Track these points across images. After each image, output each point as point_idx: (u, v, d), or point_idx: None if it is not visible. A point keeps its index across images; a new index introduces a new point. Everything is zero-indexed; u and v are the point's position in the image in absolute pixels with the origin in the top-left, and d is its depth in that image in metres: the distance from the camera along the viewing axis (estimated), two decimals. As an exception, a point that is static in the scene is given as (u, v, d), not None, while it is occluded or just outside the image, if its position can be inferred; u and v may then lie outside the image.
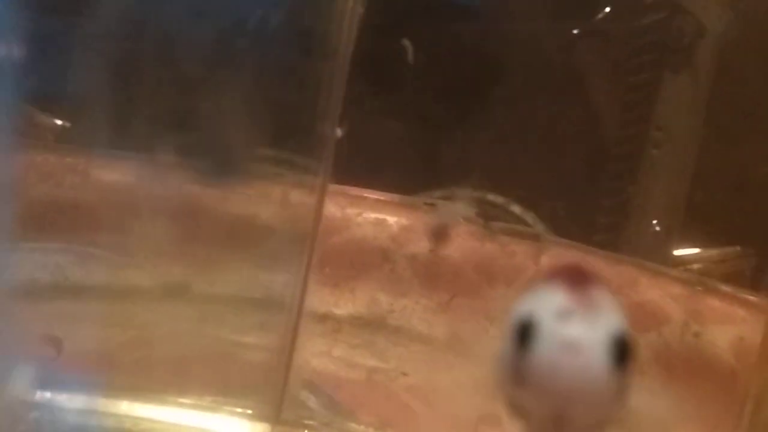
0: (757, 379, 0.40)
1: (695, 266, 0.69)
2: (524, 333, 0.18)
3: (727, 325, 0.49)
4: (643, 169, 0.72)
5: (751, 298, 0.46)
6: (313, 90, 0.41)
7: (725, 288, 0.51)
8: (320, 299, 0.56)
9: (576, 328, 0.18)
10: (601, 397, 0.18)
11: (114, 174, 0.53)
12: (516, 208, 0.71)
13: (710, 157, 0.70)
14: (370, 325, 0.56)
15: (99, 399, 0.37)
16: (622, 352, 0.18)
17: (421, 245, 0.57)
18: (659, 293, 0.52)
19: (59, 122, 0.50)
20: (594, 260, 0.54)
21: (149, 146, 0.48)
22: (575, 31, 0.74)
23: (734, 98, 0.70)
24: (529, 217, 0.71)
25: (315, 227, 0.42)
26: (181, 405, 0.43)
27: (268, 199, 0.50)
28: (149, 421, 0.42)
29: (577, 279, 0.19)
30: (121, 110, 0.47)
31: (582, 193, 0.74)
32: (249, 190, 0.51)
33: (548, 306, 0.18)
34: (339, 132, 0.39)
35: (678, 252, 0.71)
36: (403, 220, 0.59)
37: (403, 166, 0.73)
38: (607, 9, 0.73)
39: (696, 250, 0.70)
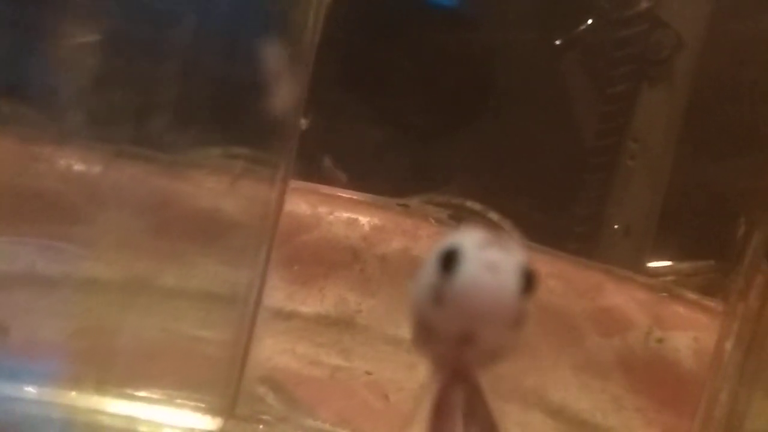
0: (710, 383, 0.40)
1: (668, 278, 0.70)
2: (449, 259, 0.20)
3: (690, 331, 0.49)
4: (619, 179, 0.72)
5: (714, 304, 0.46)
6: (277, 81, 0.41)
7: (690, 295, 0.52)
8: (288, 297, 0.56)
9: (496, 254, 0.20)
10: (508, 319, 0.20)
11: (79, 163, 0.53)
12: (493, 216, 0.71)
13: (686, 170, 0.71)
14: (338, 324, 0.55)
15: (52, 390, 0.36)
16: (529, 281, 0.20)
17: (393, 246, 0.57)
18: (625, 299, 0.52)
19: (22, 109, 0.50)
20: (562, 264, 0.54)
21: (112, 135, 0.47)
22: (557, 42, 0.74)
23: (711, 112, 0.71)
24: (506, 224, 0.71)
25: (275, 222, 0.41)
26: (132, 398, 0.42)
27: (234, 194, 0.50)
28: (103, 413, 0.41)
29: (489, 228, 0.21)
30: (83, 98, 0.46)
31: (558, 202, 0.75)
32: (215, 185, 0.50)
33: (470, 239, 0.20)
34: (304, 123, 0.39)
35: (651, 264, 0.71)
36: (375, 220, 0.59)
37: (382, 171, 0.73)
38: (589, 21, 0.74)
39: (669, 263, 0.71)
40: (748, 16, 0.67)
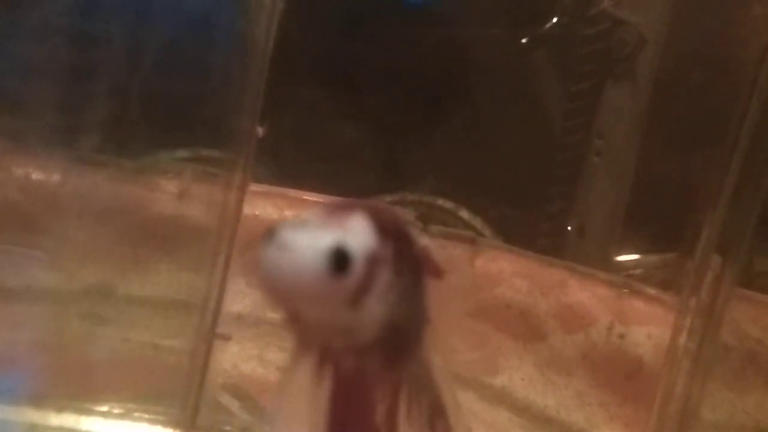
0: (665, 376, 0.41)
1: (636, 271, 0.71)
2: (265, 235, 0.20)
3: (649, 326, 0.50)
4: (585, 176, 0.73)
5: (672, 299, 0.47)
6: (232, 87, 0.41)
7: (649, 290, 0.52)
8: (254, 303, 0.55)
9: (292, 234, 0.20)
10: (317, 297, 0.20)
11: (38, 172, 0.52)
12: (464, 214, 0.72)
13: (651, 165, 0.72)
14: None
15: (10, 408, 0.35)
16: (339, 261, 0.20)
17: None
18: (587, 295, 0.52)
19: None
20: (527, 262, 0.55)
21: (71, 143, 0.47)
22: (523, 40, 0.75)
23: (673, 107, 0.72)
24: (477, 222, 0.72)
25: (234, 227, 0.41)
26: (88, 412, 0.42)
27: (195, 199, 0.49)
28: (60, 429, 0.40)
29: (342, 205, 0.21)
30: (43, 106, 0.46)
31: (527, 199, 0.75)
32: (176, 190, 0.50)
33: (291, 222, 0.20)
34: (260, 131, 0.39)
35: (619, 258, 0.72)
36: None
37: (354, 171, 0.73)
38: (554, 19, 0.74)
39: (637, 256, 0.72)
40: (708, 13, 0.68)
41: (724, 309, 0.40)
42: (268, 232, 0.20)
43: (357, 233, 0.21)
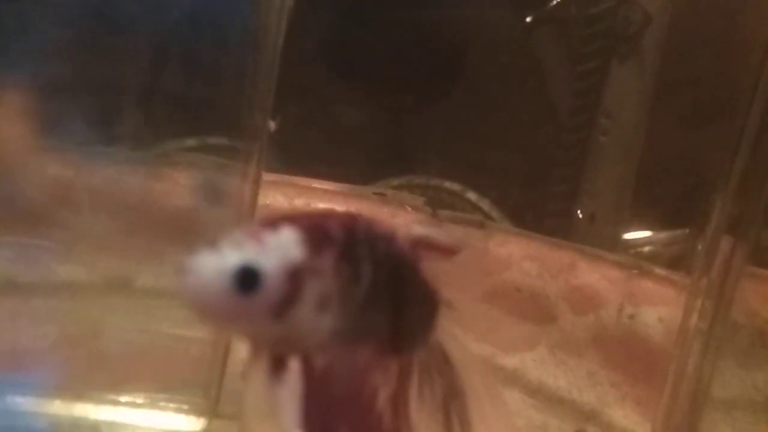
0: (677, 356, 0.42)
1: (645, 249, 0.71)
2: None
3: (659, 306, 0.51)
4: (592, 156, 0.73)
5: (682, 279, 0.47)
6: (243, 82, 0.41)
7: (659, 270, 0.53)
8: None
9: (201, 256, 0.22)
10: (229, 315, 0.22)
11: (54, 167, 0.52)
12: (471, 195, 0.72)
13: (658, 143, 0.72)
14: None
15: (33, 399, 0.36)
16: (245, 280, 0.21)
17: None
18: (597, 277, 0.53)
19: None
20: (536, 245, 0.55)
21: (85, 138, 0.47)
22: (528, 19, 0.75)
23: (682, 85, 0.72)
24: (484, 204, 0.72)
25: (251, 216, 0.42)
26: (114, 403, 0.43)
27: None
28: (85, 420, 0.41)
29: (271, 221, 0.22)
30: (54, 100, 0.46)
31: (534, 179, 0.76)
32: (189, 182, 0.50)
33: (206, 245, 0.22)
34: (272, 125, 0.39)
35: (628, 236, 0.72)
36: (352, 210, 0.59)
37: (360, 156, 0.73)
38: (558, -1, 0.74)
39: (646, 234, 0.72)
40: (714, -11, 0.68)
41: (735, 289, 0.41)
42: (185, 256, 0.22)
43: (276, 249, 0.22)
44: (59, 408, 0.40)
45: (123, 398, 0.42)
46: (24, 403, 0.34)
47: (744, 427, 0.45)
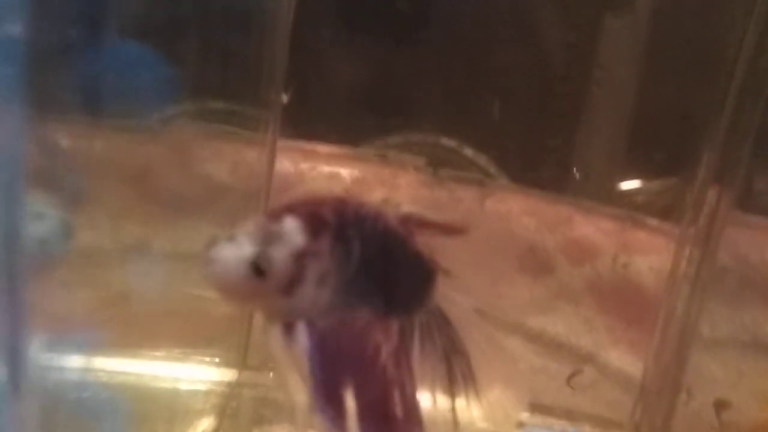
0: (666, 300, 0.44)
1: (639, 198, 0.73)
2: (206, 245, 0.27)
3: (651, 255, 0.53)
4: (587, 107, 0.74)
5: (672, 228, 0.50)
6: (257, 60, 0.42)
7: (651, 221, 0.55)
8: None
9: (220, 250, 0.27)
10: (247, 295, 0.26)
11: (70, 139, 0.54)
12: (468, 151, 0.73)
13: (653, 92, 0.72)
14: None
15: (76, 357, 0.39)
16: (259, 267, 0.26)
17: (374, 196, 0.60)
18: (592, 229, 0.55)
19: None
20: (533, 201, 0.58)
21: (98, 110, 0.49)
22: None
23: (674, 35, 0.72)
24: (481, 159, 0.73)
25: (268, 181, 0.44)
26: (152, 357, 0.46)
27: (222, 158, 0.52)
28: (123, 374, 0.44)
29: (276, 213, 0.27)
30: (70, 71, 0.47)
31: (530, 133, 0.76)
32: (201, 150, 0.52)
33: (232, 231, 0.26)
34: (285, 98, 0.41)
35: (622, 185, 0.74)
36: (356, 173, 0.61)
37: (356, 115, 0.74)
38: (552, -51, 0.74)
39: (639, 183, 0.73)
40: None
41: (721, 236, 0.43)
42: (207, 243, 0.27)
43: (282, 238, 0.26)
44: (102, 364, 0.43)
45: (156, 353, 0.45)
46: (69, 360, 0.37)
47: (732, 364, 0.49)
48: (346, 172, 0.60)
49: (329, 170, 0.61)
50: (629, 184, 0.73)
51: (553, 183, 0.72)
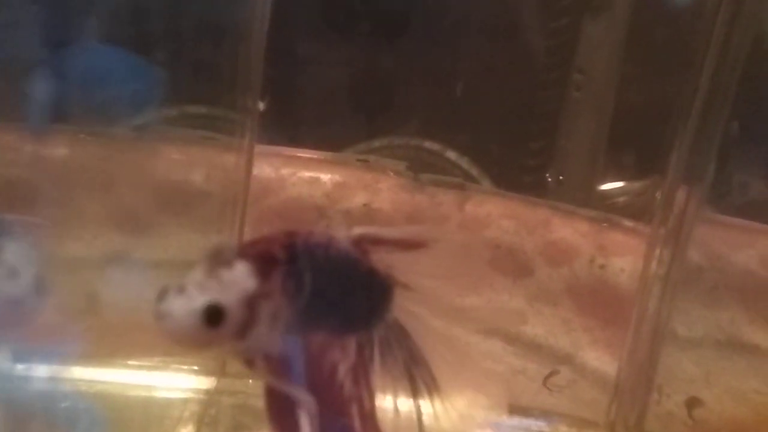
0: (639, 300, 0.45)
1: (620, 199, 0.74)
2: (156, 297, 0.27)
3: (627, 256, 0.54)
4: (566, 111, 0.75)
5: (648, 230, 0.50)
6: (231, 65, 0.42)
7: (627, 222, 0.56)
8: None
9: (170, 303, 0.27)
10: (203, 345, 0.27)
11: (44, 148, 0.54)
12: (451, 155, 0.74)
13: (631, 94, 0.73)
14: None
15: (52, 367, 0.39)
16: (212, 317, 0.26)
17: (355, 200, 0.60)
18: (570, 231, 0.56)
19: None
20: (513, 204, 0.58)
21: (72, 118, 0.48)
22: (501, -23, 0.75)
23: (651, 37, 0.73)
24: (464, 162, 0.74)
25: (246, 186, 0.44)
26: (130, 366, 0.46)
27: (198, 163, 0.52)
28: (102, 383, 0.44)
29: (224, 258, 0.27)
30: (42, 78, 0.47)
31: (511, 136, 0.77)
32: (180, 156, 0.52)
33: (180, 280, 0.26)
34: (261, 105, 0.41)
35: (602, 187, 0.75)
36: (337, 177, 0.61)
37: (339, 119, 0.74)
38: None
39: (620, 184, 0.74)
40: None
41: (690, 236, 0.44)
42: (158, 295, 0.27)
43: (233, 284, 0.26)
44: (80, 373, 0.43)
45: (134, 362, 0.45)
46: (42, 370, 0.37)
47: (708, 363, 0.49)
48: (326, 177, 0.61)
49: (310, 175, 0.61)
50: (608, 186, 0.74)
51: (535, 186, 0.72)
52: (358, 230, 0.29)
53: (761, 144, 0.51)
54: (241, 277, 0.26)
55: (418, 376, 0.29)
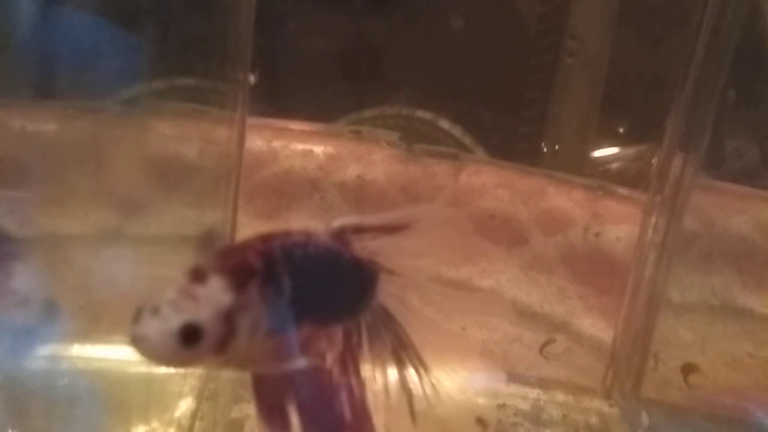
0: (635, 267, 0.45)
1: (613, 166, 0.74)
2: (132, 319, 0.26)
3: (622, 224, 0.54)
4: (560, 77, 0.74)
5: (643, 197, 0.50)
6: (221, 36, 0.42)
7: (622, 190, 0.56)
8: (255, 231, 0.58)
9: (145, 326, 0.26)
10: (182, 363, 0.27)
11: (34, 124, 0.53)
12: (444, 123, 0.73)
13: (624, 60, 0.73)
14: (305, 251, 0.59)
15: (45, 345, 0.39)
16: (189, 336, 0.26)
17: (348, 172, 0.60)
18: (564, 200, 0.56)
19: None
20: (507, 174, 0.58)
21: (60, 91, 0.48)
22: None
23: (643, 3, 0.72)
24: (457, 131, 0.74)
25: (239, 159, 0.43)
26: (127, 343, 0.45)
27: (190, 137, 0.51)
28: (100, 360, 0.44)
29: (198, 273, 0.26)
30: (26, 56, 0.46)
31: (504, 104, 0.77)
32: (170, 131, 0.52)
33: (153, 300, 0.26)
34: (252, 78, 0.41)
35: (596, 153, 0.75)
36: (330, 149, 0.61)
37: (331, 90, 0.73)
38: None
39: (614, 151, 0.74)
40: None
41: (686, 203, 0.44)
42: (133, 317, 0.26)
43: (208, 300, 0.26)
44: (78, 350, 0.43)
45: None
46: (41, 348, 0.37)
47: (701, 328, 0.50)
48: (319, 150, 0.60)
49: (303, 147, 0.60)
50: (602, 152, 0.74)
51: (528, 154, 0.72)
52: (337, 222, 0.28)
53: (755, 109, 0.51)
54: (216, 293, 0.26)
55: (406, 359, 0.29)
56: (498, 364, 0.49)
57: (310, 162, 0.60)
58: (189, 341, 0.25)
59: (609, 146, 0.75)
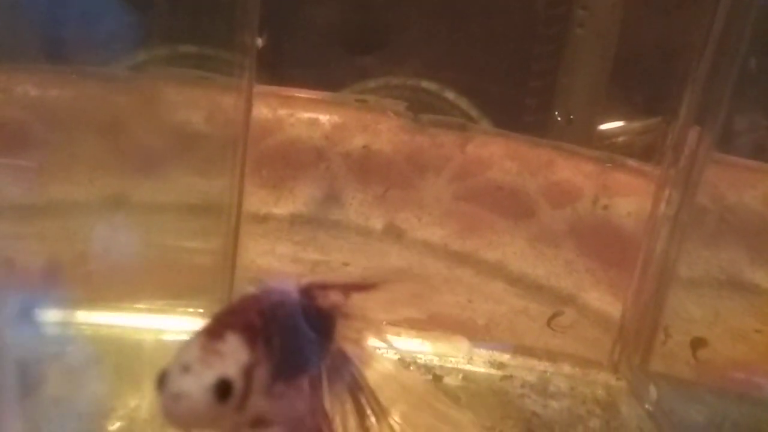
0: (646, 241, 0.45)
1: (620, 139, 0.73)
2: (158, 382, 0.25)
3: (631, 196, 0.54)
4: (569, 48, 0.73)
5: (653, 169, 0.50)
6: (230, 6, 0.41)
7: (631, 162, 0.55)
8: (260, 201, 0.58)
9: (178, 384, 0.25)
10: (213, 423, 0.26)
11: (38, 89, 0.52)
12: (450, 94, 0.73)
13: (634, 31, 0.72)
14: (311, 222, 0.59)
15: (57, 311, 0.39)
16: (223, 391, 0.26)
17: (355, 142, 0.59)
18: (573, 172, 0.56)
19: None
20: (515, 145, 0.57)
21: (64, 57, 0.47)
22: None
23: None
24: (463, 102, 0.73)
25: (245, 127, 0.43)
26: (136, 310, 0.46)
27: (197, 104, 0.51)
28: (107, 326, 0.44)
29: (214, 331, 0.26)
30: (31, 20, 0.45)
31: (512, 76, 0.76)
32: (176, 97, 0.51)
33: (179, 359, 0.26)
34: (260, 42, 0.40)
35: (604, 126, 0.74)
36: (336, 118, 0.60)
37: (336, 60, 0.73)
38: None
39: (621, 124, 0.74)
40: None
41: (701, 177, 0.44)
42: (159, 379, 0.25)
43: (232, 356, 0.26)
44: (86, 317, 0.43)
45: (140, 305, 0.45)
46: (48, 314, 0.37)
47: (708, 303, 0.50)
48: (325, 119, 0.60)
49: (308, 116, 0.60)
50: (611, 125, 0.73)
51: (536, 127, 0.71)
52: (305, 280, 0.29)
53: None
54: (235, 349, 0.26)
55: (362, 399, 0.30)
56: (504, 336, 0.49)
57: (316, 131, 0.59)
58: (222, 396, 0.26)
59: (619, 119, 0.74)
